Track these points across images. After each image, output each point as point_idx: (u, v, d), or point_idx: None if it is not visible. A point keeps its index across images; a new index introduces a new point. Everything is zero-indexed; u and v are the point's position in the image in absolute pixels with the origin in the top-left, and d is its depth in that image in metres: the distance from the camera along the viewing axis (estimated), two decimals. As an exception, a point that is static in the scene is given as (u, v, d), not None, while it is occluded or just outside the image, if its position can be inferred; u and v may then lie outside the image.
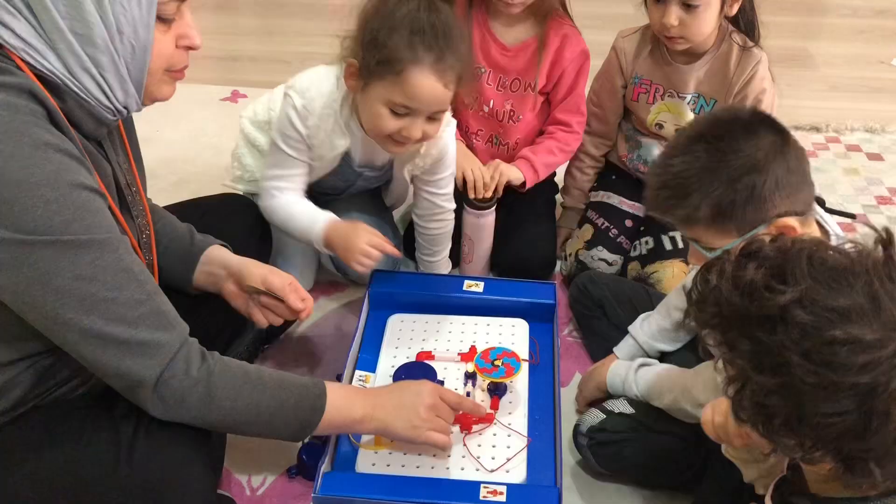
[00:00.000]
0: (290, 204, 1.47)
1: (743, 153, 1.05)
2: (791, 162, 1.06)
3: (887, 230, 0.78)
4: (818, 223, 1.13)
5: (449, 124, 1.50)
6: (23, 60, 0.90)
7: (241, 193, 1.61)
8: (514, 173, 1.67)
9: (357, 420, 1.13)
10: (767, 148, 1.05)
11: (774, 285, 0.75)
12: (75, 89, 0.94)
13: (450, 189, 1.60)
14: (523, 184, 1.69)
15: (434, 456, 1.25)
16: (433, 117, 1.35)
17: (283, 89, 1.54)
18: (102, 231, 0.92)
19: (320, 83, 1.42)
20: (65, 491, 0.97)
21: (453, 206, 1.63)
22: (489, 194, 1.65)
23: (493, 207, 1.67)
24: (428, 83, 1.28)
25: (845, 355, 0.71)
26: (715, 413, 0.97)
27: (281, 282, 1.25)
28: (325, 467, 1.20)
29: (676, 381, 1.27)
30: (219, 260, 1.27)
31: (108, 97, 0.96)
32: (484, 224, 1.68)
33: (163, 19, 0.96)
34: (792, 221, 1.05)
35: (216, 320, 1.33)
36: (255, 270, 1.26)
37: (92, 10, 0.90)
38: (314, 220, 1.44)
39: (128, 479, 0.98)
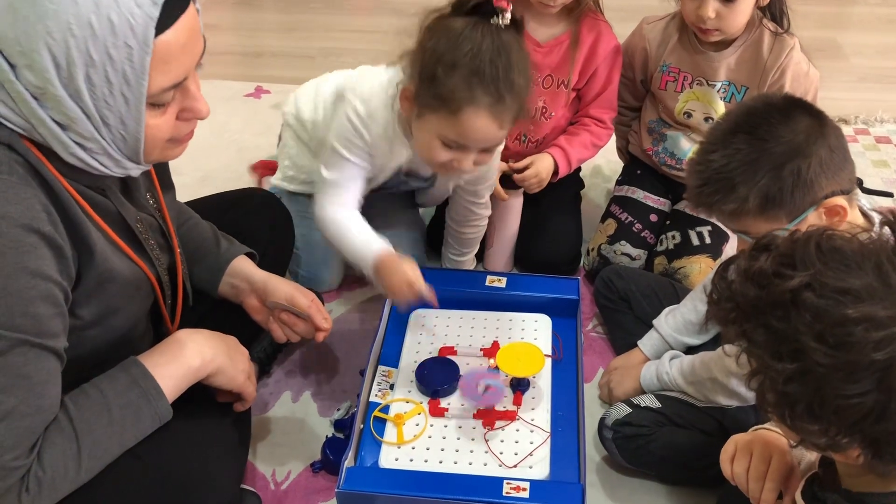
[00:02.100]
0: (348, 220, 1.40)
1: (784, 139, 1.05)
2: (832, 141, 1.06)
3: (894, 213, 0.79)
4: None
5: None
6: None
7: (268, 190, 1.61)
8: (546, 167, 1.65)
9: (196, 370, 1.05)
10: (807, 130, 1.05)
11: (784, 271, 0.76)
12: (68, 161, 0.89)
13: (487, 197, 1.60)
14: (555, 173, 1.68)
15: (457, 451, 1.25)
16: (487, 149, 1.33)
17: (319, 85, 1.53)
18: (23, 326, 0.85)
19: (382, 91, 1.38)
20: (85, 487, 0.98)
21: (489, 212, 1.63)
22: (519, 167, 1.64)
23: (521, 189, 1.66)
24: (482, 124, 1.24)
25: (860, 334, 0.71)
26: (735, 462, 0.99)
27: (306, 301, 1.25)
28: (348, 462, 1.21)
29: (708, 355, 1.29)
30: (243, 273, 1.26)
31: (102, 171, 0.92)
32: (509, 206, 1.67)
33: (158, 105, 0.90)
34: (840, 200, 1.05)
35: (235, 322, 1.32)
36: (281, 287, 1.25)
37: (72, 105, 0.84)
38: (369, 246, 1.36)
39: (154, 472, 0.99)
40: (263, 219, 1.45)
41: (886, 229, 0.80)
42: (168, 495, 0.99)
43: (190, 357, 1.04)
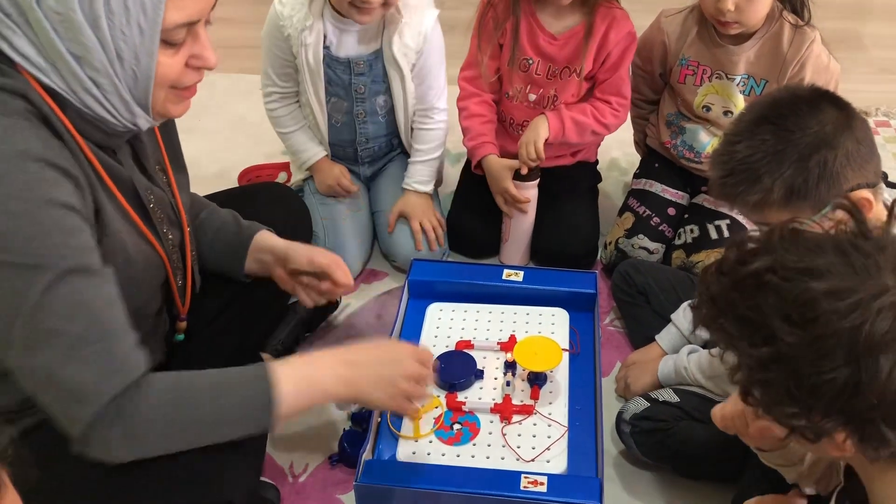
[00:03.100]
0: (293, 120, 1.72)
1: (810, 130, 1.04)
2: (858, 133, 1.06)
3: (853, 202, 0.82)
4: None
5: (430, 7, 1.62)
6: (27, 72, 0.88)
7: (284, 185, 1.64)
8: (542, 131, 1.65)
9: (331, 394, 1.05)
10: (834, 122, 1.05)
11: (746, 258, 0.77)
12: (78, 105, 0.91)
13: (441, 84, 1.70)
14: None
15: (474, 445, 1.25)
16: None
17: None
18: (67, 255, 0.86)
19: None
20: (107, 479, 0.98)
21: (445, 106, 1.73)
22: (525, 170, 1.64)
23: (535, 182, 1.66)
24: None
25: (824, 307, 0.71)
26: (725, 406, 0.97)
27: (327, 259, 1.26)
28: (366, 455, 1.21)
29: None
30: (266, 246, 1.28)
31: (112, 116, 0.93)
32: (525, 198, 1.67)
33: (170, 43, 0.91)
34: (866, 193, 1.04)
35: (260, 307, 1.35)
36: (301, 251, 1.26)
37: (89, 34, 0.86)
38: (311, 149, 1.72)
39: (173, 467, 0.99)
40: (280, 211, 1.45)
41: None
42: (189, 486, 0.99)
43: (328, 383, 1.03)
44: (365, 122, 1.70)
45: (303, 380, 1.01)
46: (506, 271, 1.54)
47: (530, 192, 1.67)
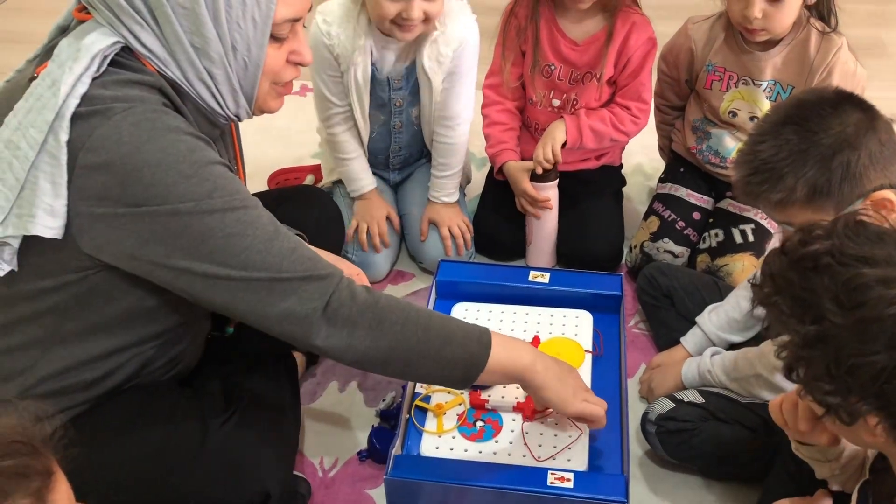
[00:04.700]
0: (348, 145, 1.68)
1: (833, 131, 1.06)
2: (882, 135, 1.07)
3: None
4: None
5: (464, 8, 1.60)
6: (150, 64, 0.96)
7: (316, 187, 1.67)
8: (559, 134, 1.67)
9: (524, 367, 1.12)
10: (857, 123, 1.06)
11: (808, 241, 0.80)
12: (193, 95, 0.99)
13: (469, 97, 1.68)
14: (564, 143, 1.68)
15: (496, 442, 1.27)
16: None
17: None
18: (242, 194, 0.97)
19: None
20: (151, 467, 1.02)
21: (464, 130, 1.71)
22: (542, 168, 1.65)
23: (553, 183, 1.68)
24: None
25: (875, 293, 0.74)
26: (784, 400, 0.97)
27: (350, 271, 1.29)
28: (395, 450, 1.23)
29: (751, 351, 1.29)
30: None
31: (220, 105, 1.02)
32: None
33: (276, 38, 1.00)
34: (888, 194, 1.06)
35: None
36: (326, 259, 1.29)
37: (210, 26, 0.94)
38: (361, 180, 1.70)
39: (211, 458, 1.03)
40: (313, 214, 1.49)
41: None
42: (227, 475, 1.02)
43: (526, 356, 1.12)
44: (400, 132, 1.72)
45: (510, 342, 1.12)
46: (532, 273, 1.55)
47: (549, 192, 1.68)
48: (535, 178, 1.67)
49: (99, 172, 0.90)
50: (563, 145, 1.67)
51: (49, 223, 0.91)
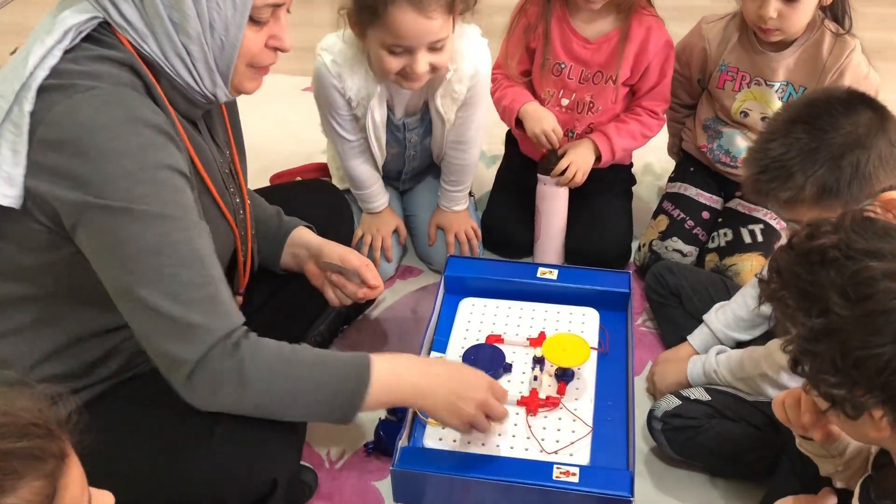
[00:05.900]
0: (367, 175, 1.64)
1: (843, 130, 1.07)
2: (892, 136, 1.08)
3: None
4: None
5: (473, 37, 1.53)
6: (127, 40, 0.97)
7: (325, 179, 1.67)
8: (583, 154, 1.66)
9: (404, 401, 1.14)
10: (868, 124, 1.07)
11: (816, 234, 0.81)
12: (169, 71, 0.99)
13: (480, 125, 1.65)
14: (598, 159, 1.68)
15: (500, 435, 1.27)
16: (434, 48, 1.39)
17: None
18: (177, 209, 0.95)
19: (337, 37, 1.51)
20: (160, 453, 1.03)
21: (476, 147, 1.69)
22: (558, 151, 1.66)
23: (562, 183, 1.67)
24: (410, 19, 1.33)
25: (881, 286, 0.75)
26: (787, 395, 0.98)
27: (359, 260, 1.30)
28: (402, 442, 1.24)
29: (756, 350, 1.30)
30: (302, 241, 1.32)
31: (197, 83, 1.01)
32: (553, 194, 1.68)
33: (256, 21, 1.00)
34: None
35: (299, 300, 1.39)
36: (335, 249, 1.31)
37: (190, 3, 0.95)
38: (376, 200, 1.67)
39: (218, 448, 1.03)
40: (323, 207, 1.50)
41: None
42: (236, 464, 1.03)
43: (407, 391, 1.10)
44: (414, 158, 1.72)
45: (390, 381, 1.07)
46: (540, 269, 1.56)
47: (559, 189, 1.68)
48: (541, 169, 1.67)
49: (52, 148, 0.91)
50: (599, 159, 1.67)
51: (6, 191, 0.92)
